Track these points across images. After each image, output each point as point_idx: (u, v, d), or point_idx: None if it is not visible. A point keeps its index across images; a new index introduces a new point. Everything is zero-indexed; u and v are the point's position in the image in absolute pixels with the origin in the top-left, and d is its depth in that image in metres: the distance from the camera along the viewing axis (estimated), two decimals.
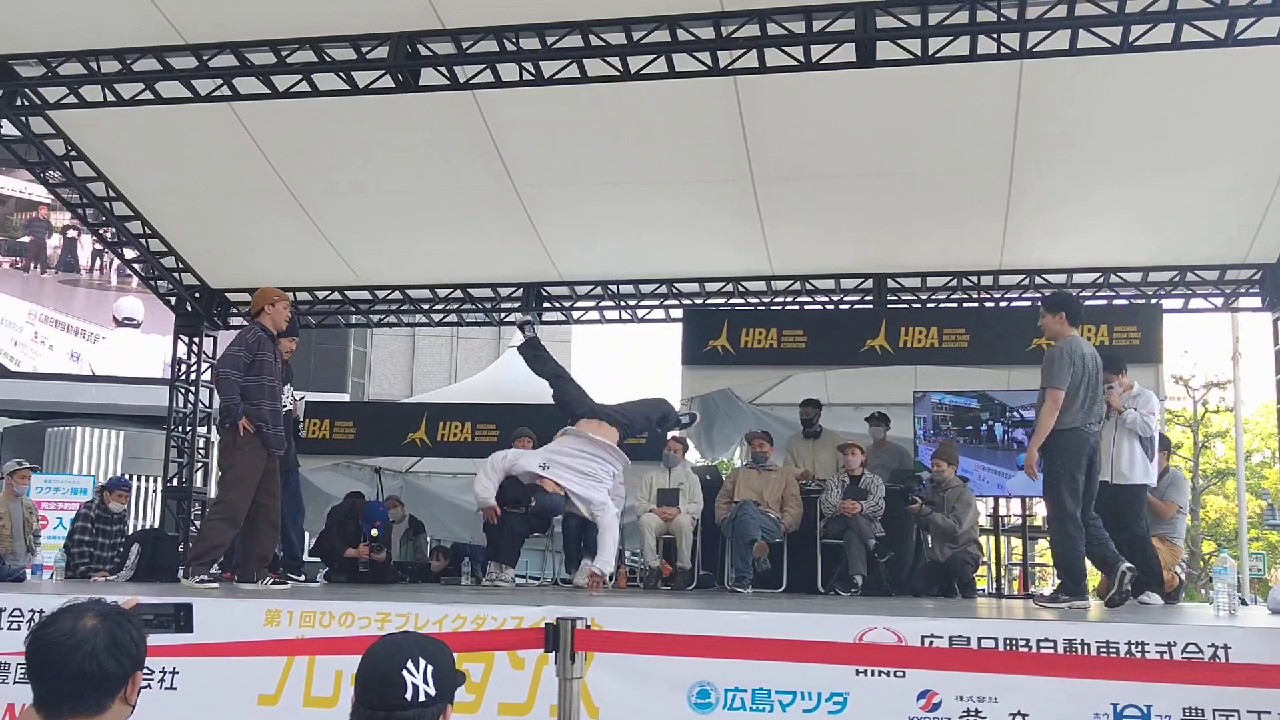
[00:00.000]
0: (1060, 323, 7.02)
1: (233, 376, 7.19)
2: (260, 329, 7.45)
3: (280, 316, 7.63)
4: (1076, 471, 6.74)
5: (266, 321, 7.54)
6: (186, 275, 12.22)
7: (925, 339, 10.28)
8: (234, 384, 7.18)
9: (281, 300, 7.67)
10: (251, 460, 7.23)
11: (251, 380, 7.26)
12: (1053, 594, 6.92)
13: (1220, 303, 11.36)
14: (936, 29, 7.38)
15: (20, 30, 8.61)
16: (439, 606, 5.06)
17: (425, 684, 2.30)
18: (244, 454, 7.21)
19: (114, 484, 10.41)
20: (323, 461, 12.43)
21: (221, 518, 7.22)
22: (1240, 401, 18.15)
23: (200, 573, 7.00)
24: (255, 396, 7.25)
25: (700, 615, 5.11)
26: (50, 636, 2.29)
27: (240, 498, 7.20)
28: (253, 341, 7.31)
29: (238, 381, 7.18)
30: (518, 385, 14.31)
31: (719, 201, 10.31)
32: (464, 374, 24.70)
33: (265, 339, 7.41)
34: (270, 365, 7.38)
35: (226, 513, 7.21)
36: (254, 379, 7.27)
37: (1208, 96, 8.56)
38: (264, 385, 7.30)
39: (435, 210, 10.82)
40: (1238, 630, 4.44)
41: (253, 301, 7.81)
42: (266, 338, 7.44)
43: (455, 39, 8.06)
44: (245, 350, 7.26)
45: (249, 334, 7.39)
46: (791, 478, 9.61)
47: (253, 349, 7.28)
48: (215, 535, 7.20)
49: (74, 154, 10.37)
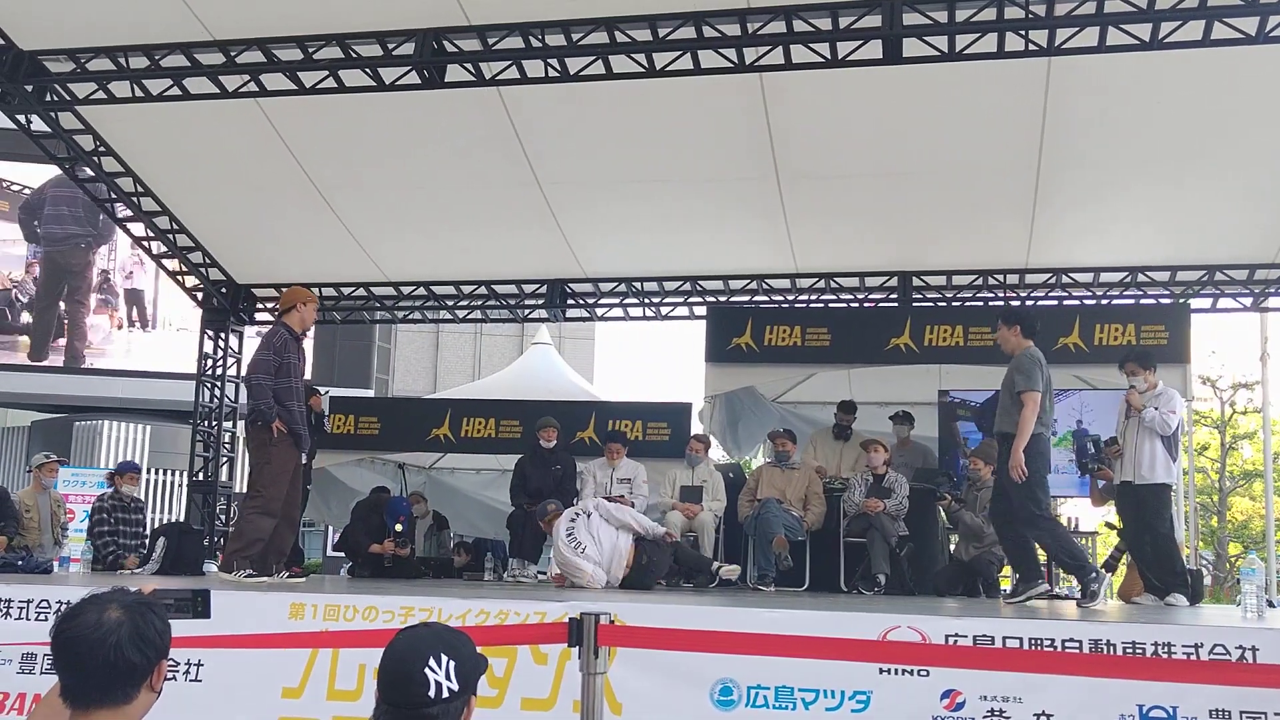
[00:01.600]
0: (1016, 335, 7.24)
1: (264, 382, 7.32)
2: (285, 330, 7.55)
3: (308, 318, 7.74)
4: (1046, 472, 7.02)
5: (293, 321, 7.63)
6: (213, 271, 12.28)
7: (950, 338, 10.22)
8: (266, 389, 7.31)
9: (311, 302, 7.78)
10: (286, 456, 7.38)
11: (281, 384, 7.37)
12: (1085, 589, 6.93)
13: (1249, 303, 11.27)
14: (964, 25, 7.35)
15: (50, 26, 8.68)
16: (462, 601, 5.07)
17: (448, 679, 2.30)
18: (279, 450, 7.35)
19: (123, 468, 10.44)
20: (347, 457, 12.47)
21: (259, 511, 7.33)
22: (1268, 402, 17.93)
23: (243, 566, 7.06)
24: (285, 399, 7.37)
25: (723, 612, 5.10)
26: (75, 629, 2.31)
27: (277, 492, 7.35)
28: (279, 345, 7.43)
29: (269, 386, 7.31)
30: (541, 381, 14.38)
31: (743, 199, 10.29)
32: (487, 370, 24.79)
33: (290, 340, 7.51)
34: (296, 367, 7.49)
35: (264, 506, 7.33)
36: (283, 382, 7.38)
37: (1237, 95, 8.49)
38: (292, 388, 7.42)
39: (460, 207, 10.85)
40: (1266, 631, 4.40)
41: (281, 300, 7.93)
42: (291, 339, 7.53)
43: (481, 35, 8.08)
44: (273, 354, 7.39)
45: (275, 337, 7.48)
46: (814, 476, 9.58)
47: (280, 352, 7.40)
48: (254, 529, 7.29)
49: (102, 149, 10.44)
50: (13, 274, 20.38)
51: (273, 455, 7.34)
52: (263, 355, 7.41)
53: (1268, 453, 19.22)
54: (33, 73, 8.99)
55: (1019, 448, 6.81)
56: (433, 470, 14.65)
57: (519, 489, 9.98)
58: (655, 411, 11.50)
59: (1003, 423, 7.11)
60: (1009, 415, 7.01)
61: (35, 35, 8.82)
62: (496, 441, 11.94)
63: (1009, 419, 6.99)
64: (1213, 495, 26.97)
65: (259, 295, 12.77)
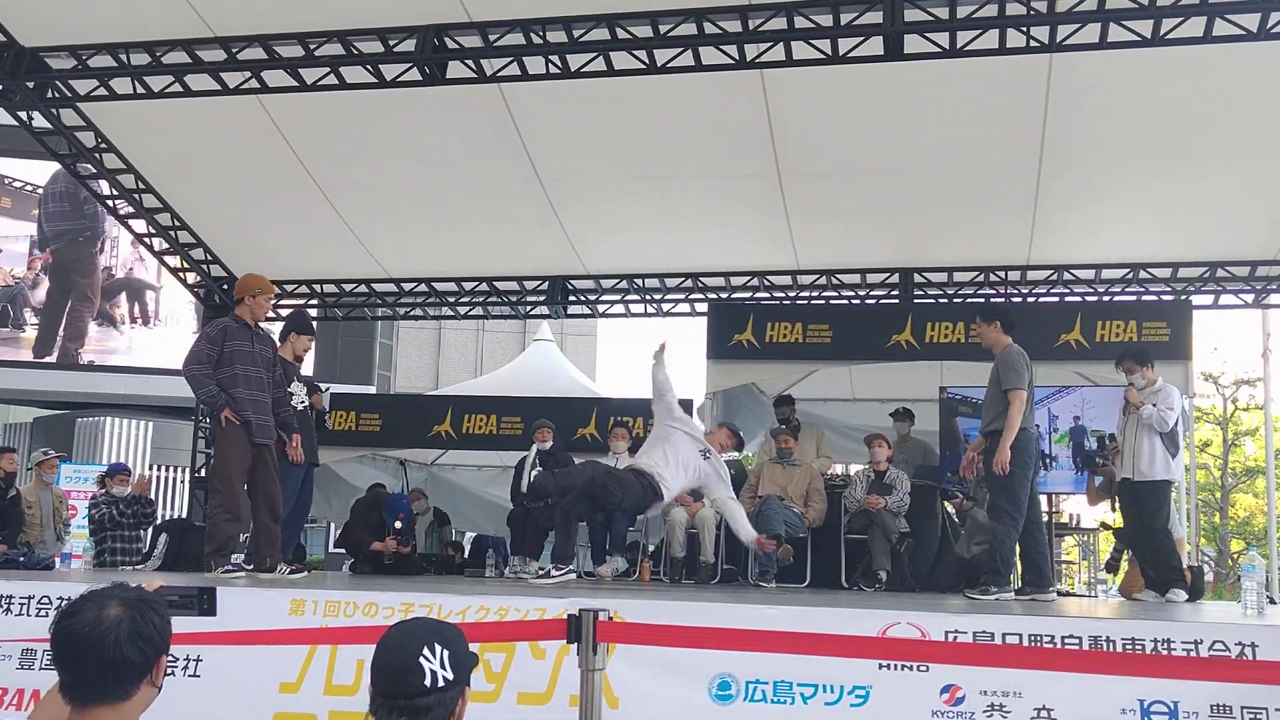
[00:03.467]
0: (996, 331, 7.33)
1: (196, 370, 7.10)
2: (231, 320, 7.36)
3: (260, 309, 7.48)
4: (1029, 470, 7.09)
5: (244, 312, 7.41)
6: (214, 267, 12.29)
7: (952, 334, 10.22)
8: (201, 379, 7.09)
9: (264, 293, 7.51)
10: (236, 450, 7.15)
11: (222, 374, 7.15)
12: (982, 586, 7.03)
13: (1251, 299, 11.25)
14: (965, 22, 7.34)
15: (51, 23, 8.69)
16: (463, 597, 5.07)
17: (443, 669, 2.30)
18: (228, 444, 7.15)
19: (112, 470, 10.44)
20: (348, 453, 12.49)
21: (219, 508, 7.16)
22: (1270, 399, 17.92)
23: (221, 564, 6.99)
24: (228, 386, 7.14)
25: (723, 608, 5.10)
26: (74, 626, 2.31)
27: (232, 487, 7.15)
28: (215, 334, 7.23)
29: (205, 376, 7.10)
30: (542, 378, 14.40)
31: (745, 196, 10.29)
32: (489, 367, 24.80)
33: (234, 328, 7.27)
34: (244, 354, 7.23)
35: (224, 504, 7.14)
36: (225, 370, 7.16)
37: (1239, 91, 8.48)
38: (236, 375, 7.16)
39: (461, 204, 10.85)
40: (1266, 628, 4.40)
41: (236, 290, 7.72)
42: (237, 327, 7.29)
43: (482, 32, 8.08)
44: (207, 344, 7.18)
45: (213, 328, 7.32)
46: (815, 473, 9.58)
47: (215, 341, 7.19)
48: (221, 529, 7.13)
49: (104, 146, 10.44)
50: (14, 270, 20.40)
51: (223, 450, 7.19)
52: (197, 346, 7.21)
53: (1270, 449, 19.21)
54: (34, 69, 8.99)
55: (1006, 444, 6.89)
56: (434, 467, 14.67)
57: (519, 489, 9.98)
58: None
59: (989, 420, 7.20)
60: (995, 413, 7.12)
61: (37, 32, 8.82)
62: (498, 438, 11.95)
63: (996, 417, 7.09)
64: (1215, 492, 26.95)
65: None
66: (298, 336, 8.21)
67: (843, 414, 12.97)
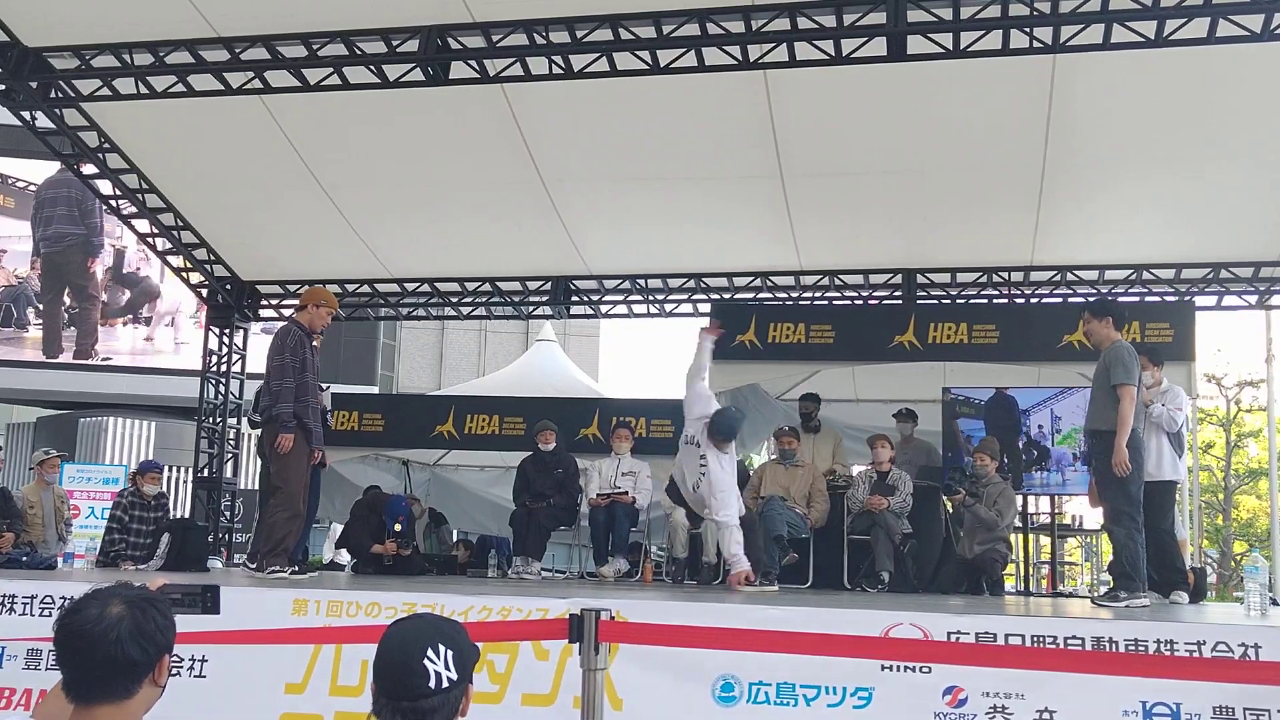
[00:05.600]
0: (1107, 327, 7.04)
1: (291, 386, 7.38)
2: (297, 327, 7.60)
3: (319, 319, 7.78)
4: (1140, 470, 6.78)
5: (304, 319, 7.70)
6: (218, 267, 12.30)
7: (955, 335, 10.22)
8: (290, 392, 7.36)
9: (327, 305, 7.85)
10: (299, 452, 7.44)
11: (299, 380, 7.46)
12: (1110, 591, 6.82)
13: (1254, 300, 11.24)
14: (968, 23, 7.34)
15: (54, 23, 8.69)
16: (465, 597, 5.08)
17: (447, 669, 2.29)
18: (294, 447, 7.40)
19: (145, 467, 10.43)
20: (351, 453, 12.49)
21: (281, 507, 7.40)
22: (1274, 400, 17.91)
23: (274, 563, 7.14)
24: (302, 394, 7.45)
25: (725, 609, 5.10)
26: (76, 624, 2.31)
27: (298, 488, 7.45)
28: (294, 344, 7.49)
29: (290, 391, 7.36)
30: (545, 379, 14.39)
31: (747, 196, 10.29)
32: (492, 367, 24.78)
33: (303, 337, 7.57)
34: (311, 363, 7.57)
35: (287, 503, 7.40)
36: (301, 378, 7.47)
37: (1241, 92, 8.47)
38: (308, 384, 7.50)
39: (464, 204, 10.85)
40: (1268, 629, 4.40)
41: (301, 297, 8.07)
42: (304, 335, 7.59)
43: (485, 32, 8.08)
44: (290, 356, 7.44)
45: (289, 338, 7.52)
46: (818, 473, 9.57)
47: (295, 352, 7.47)
48: (282, 527, 7.35)
49: (107, 146, 10.46)
50: (18, 270, 20.41)
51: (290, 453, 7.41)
52: (280, 360, 7.44)
53: (1273, 451, 19.17)
54: (38, 70, 9.01)
55: (1122, 442, 6.62)
56: (437, 467, 14.66)
57: (522, 490, 9.99)
58: (659, 409, 11.47)
59: (1095, 419, 6.92)
60: (1103, 411, 6.82)
61: (40, 32, 8.83)
62: (500, 439, 11.95)
63: (1102, 415, 6.81)
64: (1218, 493, 26.94)
65: (264, 292, 12.78)
66: None
67: (846, 415, 12.96)
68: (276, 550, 7.25)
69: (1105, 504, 6.92)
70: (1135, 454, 6.72)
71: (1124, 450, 6.62)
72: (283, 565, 7.19)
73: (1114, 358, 6.86)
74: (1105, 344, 7.02)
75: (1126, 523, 6.72)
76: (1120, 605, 6.41)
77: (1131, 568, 6.65)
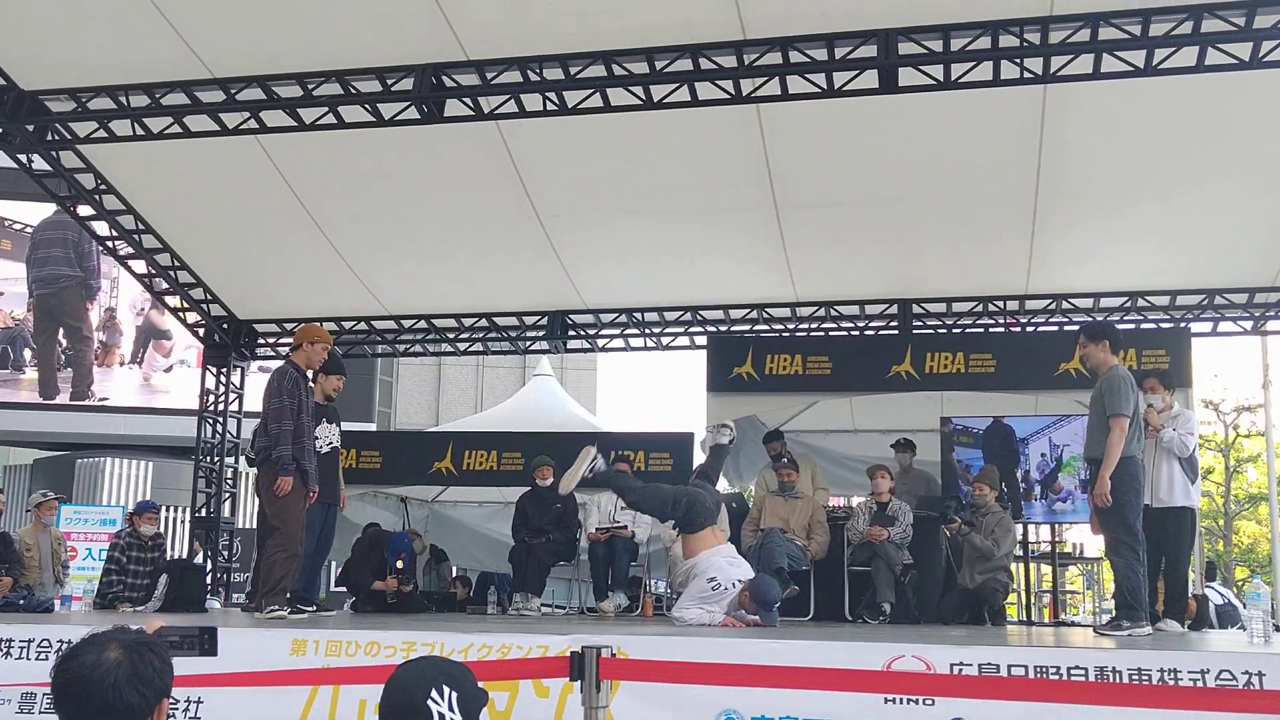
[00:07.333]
0: (1104, 350, 7.02)
1: (289, 429, 7.32)
2: (292, 368, 7.57)
3: (315, 356, 7.75)
4: (1138, 499, 6.76)
5: (300, 359, 7.67)
6: (214, 306, 12.30)
7: (951, 364, 10.23)
8: (288, 435, 7.31)
9: (322, 342, 7.81)
10: (296, 493, 7.39)
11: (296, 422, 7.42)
12: (1112, 621, 6.78)
13: (1249, 326, 11.27)
14: (959, 54, 7.38)
15: (51, 66, 8.73)
16: (465, 635, 5.04)
17: (451, 711, 2.28)
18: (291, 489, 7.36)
19: (141, 507, 10.39)
20: (349, 491, 12.40)
21: (280, 547, 7.34)
22: (1271, 425, 17.96)
23: (271, 604, 7.09)
24: (299, 436, 7.40)
25: (726, 643, 5.07)
26: (74, 670, 2.29)
27: (295, 528, 7.38)
28: (289, 386, 7.44)
29: (288, 433, 7.31)
30: (543, 413, 14.38)
31: (742, 228, 10.31)
32: (489, 403, 24.77)
33: (299, 378, 7.53)
34: (305, 404, 7.51)
35: (285, 544, 7.34)
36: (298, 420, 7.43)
37: (1234, 118, 8.52)
38: (303, 425, 7.44)
39: (460, 240, 10.87)
40: (1272, 657, 4.37)
41: (295, 336, 7.98)
42: (300, 375, 7.56)
43: (480, 70, 8.12)
44: (287, 398, 7.40)
45: (285, 379, 7.47)
46: (818, 505, 9.56)
47: (291, 393, 7.42)
48: (280, 567, 7.30)
49: (103, 187, 10.47)
50: (14, 312, 20.42)
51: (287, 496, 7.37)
52: (280, 402, 7.38)
53: (1272, 476, 19.19)
54: (34, 113, 9.04)
55: (1105, 473, 6.63)
56: (435, 504, 14.63)
57: (520, 526, 9.96)
58: (657, 442, 11.48)
59: (1093, 447, 6.91)
60: (1100, 438, 6.79)
61: (36, 75, 8.86)
62: (499, 474, 11.92)
63: (1100, 442, 6.78)
64: (1218, 519, 26.88)
65: (260, 330, 12.78)
66: (326, 376, 8.20)
67: (843, 445, 12.96)
68: (275, 590, 7.23)
69: (1105, 533, 6.90)
70: (1130, 482, 6.71)
71: (1106, 481, 6.63)
72: (281, 605, 7.16)
73: (1109, 385, 6.84)
74: (1102, 368, 7.00)
75: (1125, 552, 6.69)
76: (1123, 634, 6.38)
77: (1133, 597, 6.62)
